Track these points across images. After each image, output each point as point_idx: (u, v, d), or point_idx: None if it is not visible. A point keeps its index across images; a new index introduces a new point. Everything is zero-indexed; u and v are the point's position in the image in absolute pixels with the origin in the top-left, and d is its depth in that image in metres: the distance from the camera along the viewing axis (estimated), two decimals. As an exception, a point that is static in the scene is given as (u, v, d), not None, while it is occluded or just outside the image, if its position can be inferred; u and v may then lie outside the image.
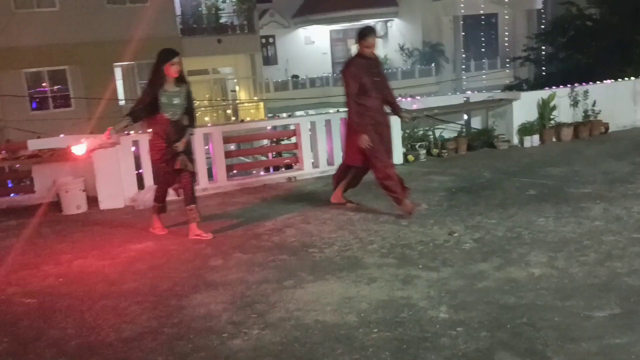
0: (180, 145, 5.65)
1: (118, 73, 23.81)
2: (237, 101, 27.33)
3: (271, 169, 9.13)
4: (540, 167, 7.83)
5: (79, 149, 7.19)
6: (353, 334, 3.59)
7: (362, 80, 6.01)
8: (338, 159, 8.52)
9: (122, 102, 23.14)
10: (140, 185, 7.62)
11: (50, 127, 16.89)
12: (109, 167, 7.35)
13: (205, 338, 3.69)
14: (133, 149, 7.60)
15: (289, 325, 3.78)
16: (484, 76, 28.66)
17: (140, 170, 7.68)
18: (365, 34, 6.07)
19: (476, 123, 9.96)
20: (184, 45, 24.02)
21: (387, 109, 6.34)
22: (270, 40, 32.34)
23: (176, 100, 5.75)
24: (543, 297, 3.90)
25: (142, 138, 7.58)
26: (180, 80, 5.86)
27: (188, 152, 5.83)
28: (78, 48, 21.71)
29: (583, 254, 4.61)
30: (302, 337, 3.61)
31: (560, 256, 4.60)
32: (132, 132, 7.71)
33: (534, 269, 4.39)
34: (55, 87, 23.42)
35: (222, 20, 26.41)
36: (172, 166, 5.69)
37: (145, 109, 5.65)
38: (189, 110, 5.91)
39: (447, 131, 9.57)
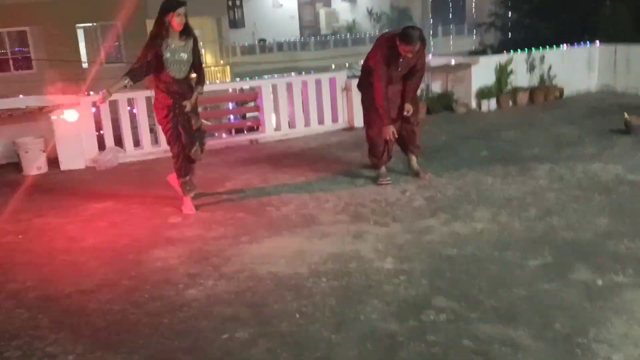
0: (188, 104, 5.19)
1: (81, 35, 23.32)
2: (203, 65, 27.05)
3: (233, 132, 9.21)
4: (495, 130, 8.08)
5: (71, 115, 6.91)
6: (303, 283, 3.79)
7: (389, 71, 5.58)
8: (300, 122, 8.67)
9: (85, 65, 22.72)
10: (101, 146, 7.65)
11: (12, 90, 16.57)
12: (69, 128, 7.35)
13: (162, 289, 3.85)
14: (93, 109, 7.59)
15: (243, 276, 3.96)
16: (451, 41, 28.86)
17: (101, 131, 7.69)
18: (409, 40, 5.36)
19: (436, 87, 10.16)
20: (149, 6, 23.57)
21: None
22: (237, 3, 31.93)
23: (182, 56, 5.15)
24: (483, 249, 4.15)
25: (102, 99, 7.58)
26: (186, 33, 5.21)
27: (195, 112, 5.35)
28: (39, 8, 21.14)
29: (525, 210, 4.87)
30: (255, 286, 3.79)
31: (503, 212, 4.85)
32: (92, 92, 7.70)
33: (478, 224, 4.63)
34: (16, 48, 22.88)
35: (188, -18, 25.92)
36: (183, 127, 5.24)
37: (146, 67, 5.08)
38: (197, 66, 5.34)
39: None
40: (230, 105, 9.97)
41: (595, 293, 3.44)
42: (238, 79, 23.79)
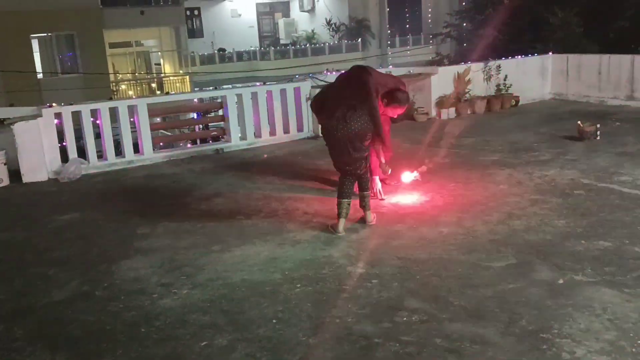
0: None
1: (35, 45, 22.84)
2: (162, 74, 26.81)
3: (198, 141, 9.22)
4: (455, 137, 8.31)
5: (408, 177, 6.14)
6: (278, 289, 3.87)
7: None
8: (265, 132, 8.74)
9: (40, 75, 22.27)
10: (64, 158, 7.56)
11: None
12: (31, 140, 7.24)
13: (136, 299, 3.87)
14: (56, 121, 7.51)
15: (217, 284, 4.01)
16: (408, 52, 29.34)
17: (63, 143, 7.60)
18: (400, 103, 5.30)
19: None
20: (105, 16, 23.32)
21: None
22: (196, 12, 31.75)
23: None
24: (450, 252, 4.31)
25: (64, 111, 7.51)
26: None
27: None
28: (-10, 18, 20.67)
29: (488, 214, 5.06)
30: (229, 294, 3.85)
31: (467, 216, 5.03)
32: (54, 104, 7.62)
33: (444, 227, 4.80)
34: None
35: (145, -9, 25.72)
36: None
37: None
38: None
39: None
40: (195, 115, 9.97)
41: (557, 291, 3.62)
42: (197, 89, 23.77)
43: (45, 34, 22.43)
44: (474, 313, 3.41)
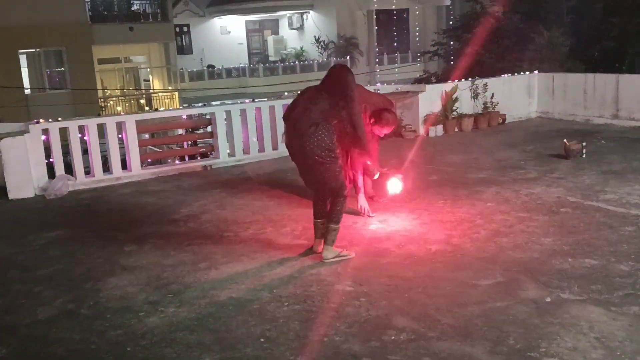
0: None
1: (23, 60, 22.79)
2: (151, 91, 26.80)
3: (186, 158, 9.20)
4: (442, 155, 8.36)
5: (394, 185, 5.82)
6: (265, 307, 3.85)
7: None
8: (254, 148, 8.75)
9: (27, 91, 22.17)
10: (51, 174, 7.51)
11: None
12: (17, 156, 7.19)
13: (122, 317, 3.83)
14: (43, 137, 7.47)
15: (204, 302, 3.99)
16: (396, 69, 29.58)
17: (50, 160, 7.56)
18: (388, 123, 5.34)
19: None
20: (94, 32, 23.34)
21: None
22: (185, 29, 31.87)
23: None
24: (438, 270, 4.31)
25: (51, 127, 7.48)
26: None
27: None
28: (-22, 33, 20.63)
29: (475, 232, 5.08)
30: (217, 312, 3.83)
31: (455, 234, 5.05)
32: (42, 120, 7.59)
33: (432, 245, 4.80)
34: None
35: (134, 8, 25.79)
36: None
37: None
38: None
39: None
40: (183, 132, 9.96)
41: (544, 309, 3.63)
42: (185, 105, 23.75)
43: (34, 50, 22.38)
44: (462, 331, 3.41)
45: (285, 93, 9.69)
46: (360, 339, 3.38)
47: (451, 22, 27.82)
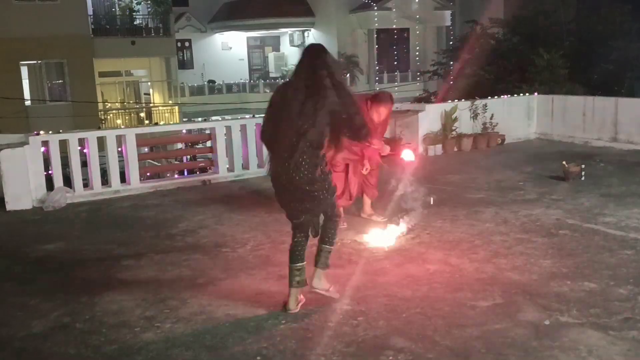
0: None
1: (24, 72, 22.85)
2: (151, 104, 26.87)
3: (185, 172, 9.20)
4: (441, 174, 8.37)
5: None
6: (262, 325, 3.82)
7: None
8: (253, 164, 8.75)
9: (28, 102, 22.21)
10: (50, 186, 7.49)
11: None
12: (16, 167, 7.18)
13: (118, 332, 3.80)
14: (42, 149, 7.46)
15: (201, 318, 3.96)
16: (396, 88, 29.71)
17: (49, 171, 7.55)
18: (380, 102, 5.64)
19: (386, 133, 10.44)
20: (96, 45, 23.43)
21: None
22: (187, 44, 32.02)
23: None
24: (436, 290, 4.29)
25: (51, 139, 7.48)
26: None
27: None
28: (-20, 44, 20.70)
29: (474, 252, 5.06)
30: (213, 329, 3.80)
31: (454, 254, 5.03)
32: (42, 132, 7.60)
33: (430, 265, 4.79)
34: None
35: (137, 22, 25.94)
36: None
37: None
38: None
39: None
40: (182, 146, 9.98)
41: (543, 332, 3.61)
42: (185, 119, 23.80)
43: (35, 62, 22.46)
44: (460, 353, 3.39)
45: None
46: (357, 358, 3.36)
47: (451, 42, 28.06)
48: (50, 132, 7.64)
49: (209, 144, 9.06)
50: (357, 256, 5.09)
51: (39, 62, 22.53)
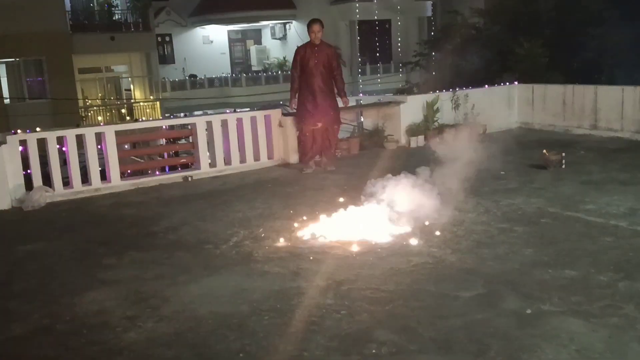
0: None
1: (2, 70, 22.53)
2: (132, 100, 26.63)
3: (167, 169, 9.12)
4: (422, 165, 8.34)
5: None
6: (245, 322, 3.80)
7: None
8: (235, 159, 8.70)
9: (7, 101, 21.91)
10: (29, 186, 7.39)
11: None
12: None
13: (99, 333, 3.76)
14: (20, 148, 7.36)
15: (183, 317, 3.93)
16: (378, 79, 29.73)
17: (28, 171, 7.44)
18: (308, 23, 8.17)
19: (368, 124, 10.45)
20: (75, 41, 23.17)
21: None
22: (167, 38, 31.76)
23: None
24: (419, 282, 4.30)
25: (29, 137, 7.38)
26: None
27: None
28: (-44, 42, 20.37)
29: (456, 243, 5.07)
30: (196, 327, 3.77)
31: (436, 245, 5.04)
32: (19, 130, 7.49)
33: (413, 257, 4.79)
34: None
35: (116, 17, 25.69)
36: None
37: None
38: None
39: (341, 132, 9.96)
40: (163, 142, 9.89)
41: (525, 321, 3.63)
42: (168, 115, 23.59)
43: (13, 59, 22.14)
44: (443, 344, 3.40)
45: (280, 102, 9.93)
46: (341, 352, 3.35)
47: (432, 33, 28.08)
48: (28, 130, 7.52)
49: (190, 139, 8.98)
50: (338, 249, 5.07)
51: (17, 59, 22.22)
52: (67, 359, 3.46)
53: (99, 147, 7.90)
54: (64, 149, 7.67)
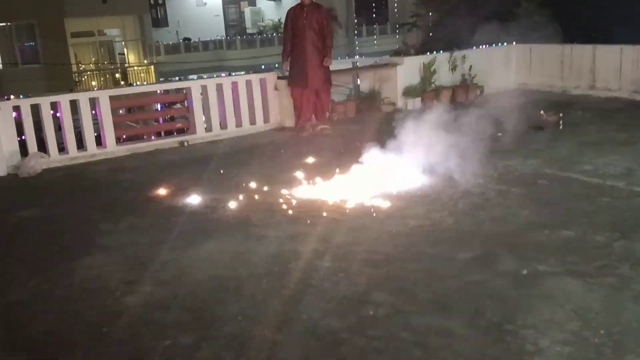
0: None
1: (-7, 35, 22.22)
2: (126, 65, 26.31)
3: (162, 133, 9.06)
4: (419, 128, 8.30)
5: None
6: (243, 285, 3.82)
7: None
8: (231, 123, 8.64)
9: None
10: (24, 152, 7.34)
11: None
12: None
13: (98, 297, 3.78)
14: (14, 114, 7.28)
15: (182, 281, 3.95)
16: (375, 41, 29.37)
17: (23, 137, 7.39)
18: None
19: (364, 87, 10.36)
20: (66, 4, 22.73)
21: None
22: (160, 1, 31.18)
23: None
24: (416, 245, 4.31)
25: (22, 103, 7.30)
26: None
27: None
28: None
29: (453, 206, 5.08)
30: (194, 290, 3.79)
31: (433, 208, 5.04)
32: (12, 96, 7.40)
33: (410, 220, 4.80)
34: None
35: (107, -21, 25.14)
36: None
37: None
38: None
39: (337, 94, 9.88)
40: (159, 107, 9.79)
41: (521, 282, 3.66)
42: (162, 79, 23.36)
43: (4, 24, 21.78)
44: (440, 306, 3.43)
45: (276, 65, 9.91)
46: (338, 314, 3.38)
47: (429, -7, 27.60)
48: (21, 96, 7.43)
49: (186, 104, 8.89)
50: (336, 213, 5.08)
51: (8, 24, 21.85)
52: (67, 323, 3.48)
53: (94, 112, 7.83)
54: (58, 114, 7.59)
